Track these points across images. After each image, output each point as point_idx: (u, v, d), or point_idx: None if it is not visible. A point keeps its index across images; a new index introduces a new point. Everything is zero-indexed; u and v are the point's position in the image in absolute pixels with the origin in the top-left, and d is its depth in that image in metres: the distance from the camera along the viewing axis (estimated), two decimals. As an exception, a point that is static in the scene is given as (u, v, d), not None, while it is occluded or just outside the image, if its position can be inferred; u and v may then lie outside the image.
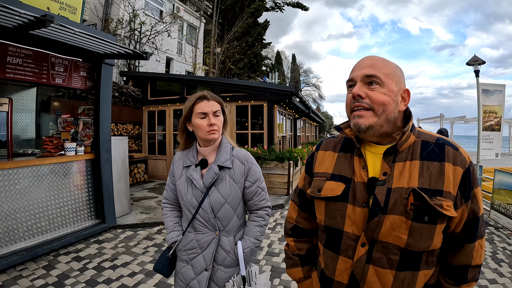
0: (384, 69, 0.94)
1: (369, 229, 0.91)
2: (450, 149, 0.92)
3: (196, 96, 1.48)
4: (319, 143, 1.19)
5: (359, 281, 0.93)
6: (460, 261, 0.95)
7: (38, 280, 3.07)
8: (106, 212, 4.37)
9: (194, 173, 1.46)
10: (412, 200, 0.86)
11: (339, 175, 1.01)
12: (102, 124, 4.28)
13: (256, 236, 1.53)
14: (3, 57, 3.43)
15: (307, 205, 1.17)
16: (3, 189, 3.34)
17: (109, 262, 3.52)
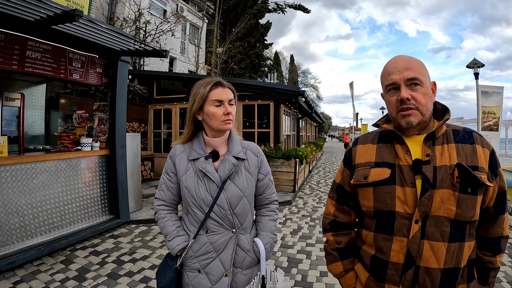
0: (420, 69, 1.04)
1: (421, 205, 0.98)
2: (477, 135, 1.07)
3: (211, 82, 1.33)
4: (356, 139, 1.25)
5: (415, 258, 0.99)
6: (495, 232, 1.07)
7: (58, 275, 3.08)
8: (121, 208, 4.39)
9: (207, 165, 1.31)
10: (457, 173, 0.98)
11: (382, 162, 1.09)
12: (117, 120, 4.31)
13: (272, 230, 1.46)
14: (22, 51, 3.45)
15: (346, 198, 1.22)
16: (20, 183, 3.36)
17: (127, 256, 3.55)
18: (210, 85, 1.31)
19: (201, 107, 1.33)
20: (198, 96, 1.31)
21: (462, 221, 0.98)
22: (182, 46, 14.06)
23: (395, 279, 1.02)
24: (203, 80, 1.36)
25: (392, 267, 1.03)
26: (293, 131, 12.48)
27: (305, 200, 6.78)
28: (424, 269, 0.98)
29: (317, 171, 12.18)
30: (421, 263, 0.98)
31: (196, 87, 1.36)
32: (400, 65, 1.05)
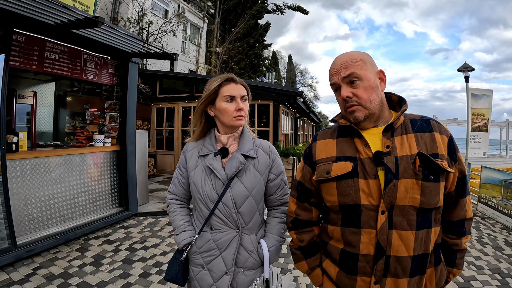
0: (358, 64, 1.05)
1: (386, 196, 0.99)
2: (434, 122, 1.10)
3: (223, 78, 1.32)
4: (315, 135, 1.25)
5: (385, 248, 1.00)
6: (458, 215, 1.11)
7: (75, 261, 3.33)
8: (130, 201, 4.65)
9: (214, 162, 1.31)
10: (419, 162, 0.99)
11: (343, 156, 1.09)
12: (128, 118, 4.57)
13: (280, 233, 1.42)
14: (42, 52, 3.69)
15: (306, 195, 1.21)
16: (39, 176, 3.60)
17: (139, 244, 3.82)
18: (221, 81, 1.31)
19: (212, 102, 1.34)
20: (210, 91, 1.32)
21: (427, 208, 1.00)
22: (183, 45, 14.31)
23: (367, 270, 1.03)
24: (215, 76, 1.37)
25: (363, 259, 1.04)
26: (291, 130, 12.78)
27: (302, 196, 7.09)
28: (395, 258, 1.00)
29: (314, 170, 12.47)
30: (391, 253, 1.00)
31: (208, 83, 1.36)
32: (337, 66, 1.08)
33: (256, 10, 14.95)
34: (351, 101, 1.05)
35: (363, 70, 1.05)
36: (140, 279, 2.98)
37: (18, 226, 3.35)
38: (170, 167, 8.94)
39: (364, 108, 1.06)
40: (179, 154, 8.94)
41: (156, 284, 2.91)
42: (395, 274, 1.00)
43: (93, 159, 4.25)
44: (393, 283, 1.01)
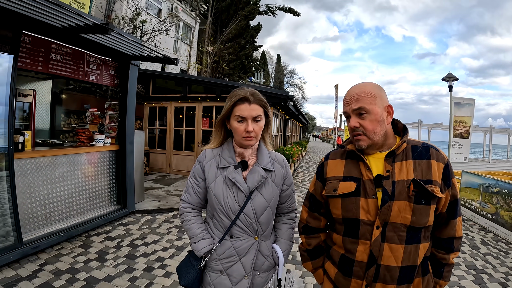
0: (368, 99, 1.18)
1: (382, 214, 1.14)
2: (433, 150, 1.22)
3: (238, 97, 1.36)
4: (327, 154, 1.42)
5: (377, 257, 1.15)
6: (447, 234, 1.24)
7: (79, 257, 3.46)
8: (128, 199, 4.80)
9: (237, 176, 1.37)
10: (412, 187, 1.14)
11: (349, 176, 1.25)
12: (128, 118, 4.71)
13: (290, 238, 1.55)
14: (47, 53, 3.78)
15: (316, 206, 1.39)
16: (44, 174, 3.71)
17: (139, 240, 3.99)
18: (235, 100, 1.35)
19: (228, 118, 1.41)
20: (225, 107, 1.38)
21: (416, 227, 1.14)
22: (175, 45, 14.35)
23: (360, 274, 1.19)
24: (235, 91, 1.40)
25: (357, 265, 1.20)
26: (280, 132, 13.07)
27: (292, 196, 7.38)
28: (384, 267, 1.14)
29: (301, 170, 12.81)
30: (381, 262, 1.15)
31: (228, 97, 1.41)
32: (349, 97, 1.22)
33: (248, 11, 15.15)
34: (357, 131, 1.20)
35: (372, 104, 1.17)
36: (144, 273, 3.16)
37: (23, 223, 3.45)
38: (162, 166, 9.05)
39: (368, 138, 1.20)
40: (171, 153, 9.05)
41: (161, 277, 3.10)
42: (384, 281, 1.15)
43: (94, 158, 4.37)
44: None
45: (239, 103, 1.35)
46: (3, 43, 3.14)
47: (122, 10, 9.81)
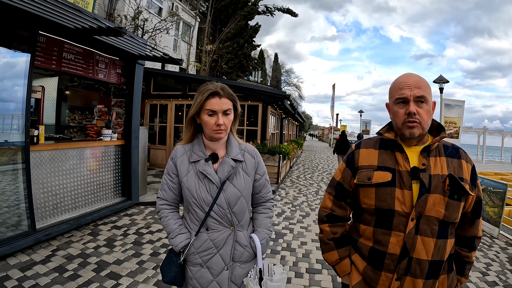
0: (427, 89, 1.19)
1: (418, 206, 1.14)
2: (462, 151, 1.27)
3: (209, 91, 1.38)
4: (358, 143, 1.40)
5: (410, 250, 1.15)
6: (471, 233, 1.28)
7: (89, 244, 3.72)
8: (133, 191, 5.05)
9: (207, 168, 1.40)
10: (448, 182, 1.15)
11: (384, 166, 1.24)
12: (134, 114, 4.95)
13: (268, 227, 1.56)
14: (60, 52, 4.02)
15: (344, 195, 1.37)
16: (55, 166, 3.94)
17: (145, 229, 4.25)
18: (206, 94, 1.37)
19: (198, 113, 1.42)
20: (196, 102, 1.39)
21: (447, 221, 1.17)
22: (175, 43, 14.57)
23: (391, 268, 1.18)
24: (205, 86, 1.41)
25: (389, 257, 1.18)
26: (277, 130, 13.35)
27: (286, 191, 7.69)
28: (416, 260, 1.15)
29: (297, 167, 13.11)
30: (414, 255, 1.15)
31: (198, 91, 1.42)
32: (411, 83, 1.19)
33: (247, 11, 15.38)
34: (414, 118, 1.18)
35: (429, 96, 1.21)
36: (151, 257, 3.43)
37: (36, 212, 3.68)
38: (162, 161, 9.31)
39: (422, 127, 1.20)
40: (171, 149, 9.30)
41: (167, 261, 3.37)
42: (414, 274, 1.16)
43: (102, 152, 4.61)
44: (411, 282, 1.17)
45: (210, 97, 1.37)
46: (21, 42, 3.37)
47: (124, 8, 10.03)
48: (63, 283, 2.80)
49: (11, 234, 3.32)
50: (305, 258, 3.69)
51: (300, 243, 4.13)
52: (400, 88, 1.21)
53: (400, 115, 1.21)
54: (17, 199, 3.43)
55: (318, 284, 3.10)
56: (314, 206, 6.37)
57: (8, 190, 3.37)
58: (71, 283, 2.81)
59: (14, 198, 3.42)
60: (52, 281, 2.83)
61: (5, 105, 3.41)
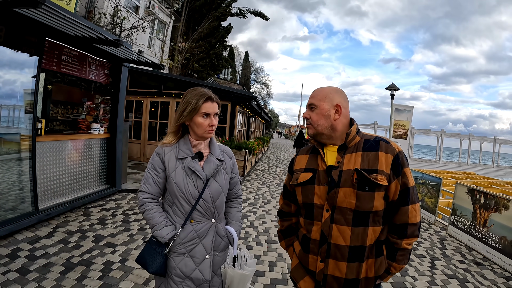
0: (318, 96, 1.39)
1: (329, 198, 1.31)
2: (383, 143, 1.34)
3: (204, 96, 1.50)
4: (297, 152, 1.61)
5: (327, 236, 1.31)
6: (399, 220, 1.34)
7: (84, 222, 4.36)
8: (116, 179, 5.70)
9: (196, 165, 1.51)
10: (356, 176, 1.28)
11: (309, 168, 1.44)
12: (119, 111, 5.60)
13: (239, 219, 1.75)
14: (59, 55, 4.59)
15: (287, 195, 1.61)
16: (51, 155, 4.51)
17: (130, 210, 4.97)
18: (203, 99, 1.50)
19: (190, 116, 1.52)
20: (191, 106, 1.49)
21: (362, 211, 1.28)
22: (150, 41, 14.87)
23: (315, 251, 1.35)
24: (196, 90, 1.53)
25: (313, 242, 1.36)
26: (244, 127, 14.27)
27: (251, 183, 8.71)
28: (334, 245, 1.29)
29: (262, 163, 14.13)
30: (331, 241, 1.30)
31: (189, 96, 1.52)
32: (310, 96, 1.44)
33: (220, 13, 16.03)
34: (308, 121, 1.43)
35: (321, 101, 1.38)
36: (139, 231, 4.20)
37: (39, 194, 4.27)
38: (137, 154, 9.85)
39: (314, 128, 1.41)
40: (145, 143, 9.87)
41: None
42: (335, 257, 1.30)
43: (92, 144, 5.23)
44: (334, 264, 1.31)
45: (206, 102, 1.51)
46: (30, 46, 3.94)
47: (103, 6, 10.31)
48: (69, 251, 3.45)
49: (18, 214, 3.88)
50: (265, 233, 4.66)
51: (261, 222, 5.11)
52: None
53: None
54: (24, 183, 4.01)
55: (274, 250, 4.06)
56: (275, 195, 7.40)
57: (16, 175, 3.95)
58: (76, 251, 3.47)
59: (21, 182, 3.99)
60: (59, 250, 3.46)
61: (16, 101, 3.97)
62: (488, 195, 4.75)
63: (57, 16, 3.23)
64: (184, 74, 15.56)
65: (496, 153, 23.63)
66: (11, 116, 3.97)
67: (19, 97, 3.99)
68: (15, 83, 3.94)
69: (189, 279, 1.50)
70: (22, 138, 3.97)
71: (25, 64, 3.97)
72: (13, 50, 3.74)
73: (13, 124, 3.95)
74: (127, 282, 2.92)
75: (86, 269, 3.07)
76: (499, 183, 11.07)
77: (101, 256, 3.39)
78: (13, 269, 2.93)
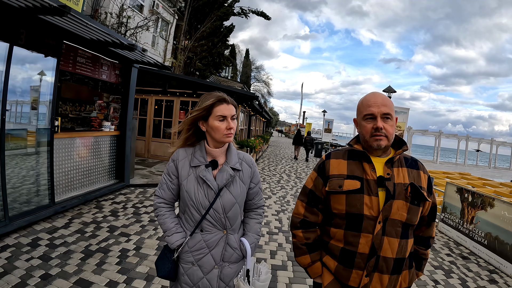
0: (392, 107, 1.37)
1: (384, 210, 1.29)
2: (420, 164, 1.44)
3: (216, 98, 1.47)
4: (328, 154, 1.53)
5: (377, 249, 1.29)
6: (428, 233, 1.49)
7: (97, 214, 4.66)
8: (125, 174, 6.00)
9: (207, 174, 1.46)
10: (410, 190, 1.32)
11: (353, 175, 1.37)
12: (129, 109, 5.89)
13: (257, 231, 1.65)
14: (75, 57, 4.87)
15: (315, 202, 1.47)
16: (67, 151, 4.80)
17: (139, 204, 5.28)
18: (215, 100, 1.46)
19: (205, 119, 1.49)
20: (203, 108, 1.47)
21: (409, 224, 1.33)
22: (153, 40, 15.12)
23: (361, 265, 1.31)
24: (210, 95, 1.49)
25: (359, 256, 1.31)
26: (245, 126, 14.58)
27: (254, 181, 8.97)
28: (383, 258, 1.29)
29: (262, 160, 14.41)
30: (381, 253, 1.29)
31: (202, 99, 1.50)
32: (379, 102, 1.35)
33: (223, 12, 16.29)
34: (380, 132, 1.33)
35: (394, 113, 1.38)
36: (150, 223, 4.51)
37: (56, 187, 4.57)
38: (141, 151, 10.15)
39: (387, 140, 1.35)
40: (150, 140, 10.17)
41: (163, 226, 4.47)
42: (381, 271, 1.29)
43: (103, 140, 5.52)
44: (378, 277, 1.30)
45: (218, 104, 1.46)
46: (49, 49, 4.22)
47: (109, 6, 10.56)
48: (87, 240, 3.75)
49: (36, 206, 4.16)
50: (266, 225, 4.97)
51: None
52: (368, 106, 1.37)
53: (368, 129, 1.36)
54: (42, 177, 4.31)
55: (275, 240, 4.37)
56: (275, 191, 7.72)
57: (35, 169, 4.24)
58: (93, 240, 3.78)
59: (39, 176, 4.28)
60: (77, 239, 3.75)
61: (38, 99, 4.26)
62: (475, 194, 5.07)
63: (79, 22, 3.50)
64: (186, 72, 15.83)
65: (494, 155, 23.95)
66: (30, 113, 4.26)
67: (40, 96, 4.28)
68: (35, 83, 4.22)
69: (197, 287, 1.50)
70: (41, 135, 4.26)
71: (45, 65, 4.26)
72: (33, 52, 4.01)
73: (34, 122, 4.24)
74: (143, 267, 3.23)
75: (104, 256, 3.38)
76: (492, 183, 11.40)
77: (117, 244, 3.70)
78: (35, 256, 3.22)
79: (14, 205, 3.82)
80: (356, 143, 1.46)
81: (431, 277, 3.72)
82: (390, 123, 1.35)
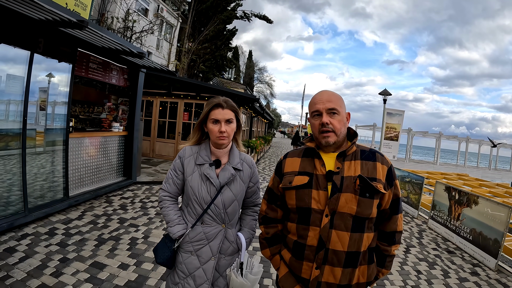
0: (338, 102, 1.38)
1: (330, 203, 1.31)
2: (379, 155, 1.43)
3: (213, 103, 1.58)
4: (286, 154, 1.58)
5: (325, 242, 1.31)
6: (390, 228, 1.44)
7: (107, 208, 5.03)
8: (132, 172, 6.38)
9: (211, 172, 1.57)
10: (358, 182, 1.32)
11: (304, 171, 1.42)
12: (136, 111, 6.27)
13: (253, 228, 1.76)
14: (87, 63, 5.25)
15: (273, 199, 1.55)
16: (80, 149, 5.17)
17: (146, 199, 5.65)
18: (211, 106, 1.58)
19: (205, 122, 1.62)
20: (203, 113, 1.61)
21: (361, 217, 1.32)
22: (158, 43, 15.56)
23: (311, 257, 1.34)
24: (211, 100, 1.62)
25: (308, 249, 1.35)
26: (247, 127, 14.94)
27: (255, 180, 9.31)
28: (332, 251, 1.30)
29: (263, 161, 14.78)
30: (329, 246, 1.31)
31: (205, 104, 1.63)
32: (324, 98, 1.38)
33: (226, 16, 16.66)
34: (327, 127, 1.36)
35: (341, 108, 1.38)
36: (157, 216, 4.87)
37: (70, 182, 4.94)
38: (146, 151, 10.54)
39: (336, 135, 1.37)
40: (154, 140, 10.56)
41: (168, 219, 4.83)
42: (331, 263, 1.31)
43: (112, 140, 5.90)
44: (330, 270, 1.32)
45: (214, 109, 1.58)
46: (65, 56, 4.60)
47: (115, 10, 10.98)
48: (99, 230, 4.11)
49: (52, 199, 4.54)
50: (264, 221, 5.30)
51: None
52: (314, 103, 1.41)
53: (316, 126, 1.40)
54: (57, 172, 4.69)
55: (271, 234, 4.71)
56: (274, 190, 8.00)
57: (52, 165, 4.62)
58: (105, 230, 4.14)
59: (55, 172, 4.66)
60: (91, 229, 4.12)
61: (55, 101, 4.65)
62: (462, 192, 5.39)
63: (95, 34, 3.88)
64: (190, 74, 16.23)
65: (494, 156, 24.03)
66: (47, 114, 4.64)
67: (56, 98, 4.66)
68: (52, 87, 4.60)
69: (191, 277, 1.57)
70: (57, 134, 4.65)
71: (61, 71, 4.64)
72: (51, 58, 4.39)
73: (51, 122, 4.62)
74: (150, 253, 3.59)
75: (116, 243, 3.75)
76: (489, 184, 11.68)
77: (127, 234, 4.06)
78: (53, 243, 3.58)
79: (32, 198, 4.20)
80: (310, 141, 1.51)
81: (415, 267, 4.02)
82: (337, 118, 1.37)
